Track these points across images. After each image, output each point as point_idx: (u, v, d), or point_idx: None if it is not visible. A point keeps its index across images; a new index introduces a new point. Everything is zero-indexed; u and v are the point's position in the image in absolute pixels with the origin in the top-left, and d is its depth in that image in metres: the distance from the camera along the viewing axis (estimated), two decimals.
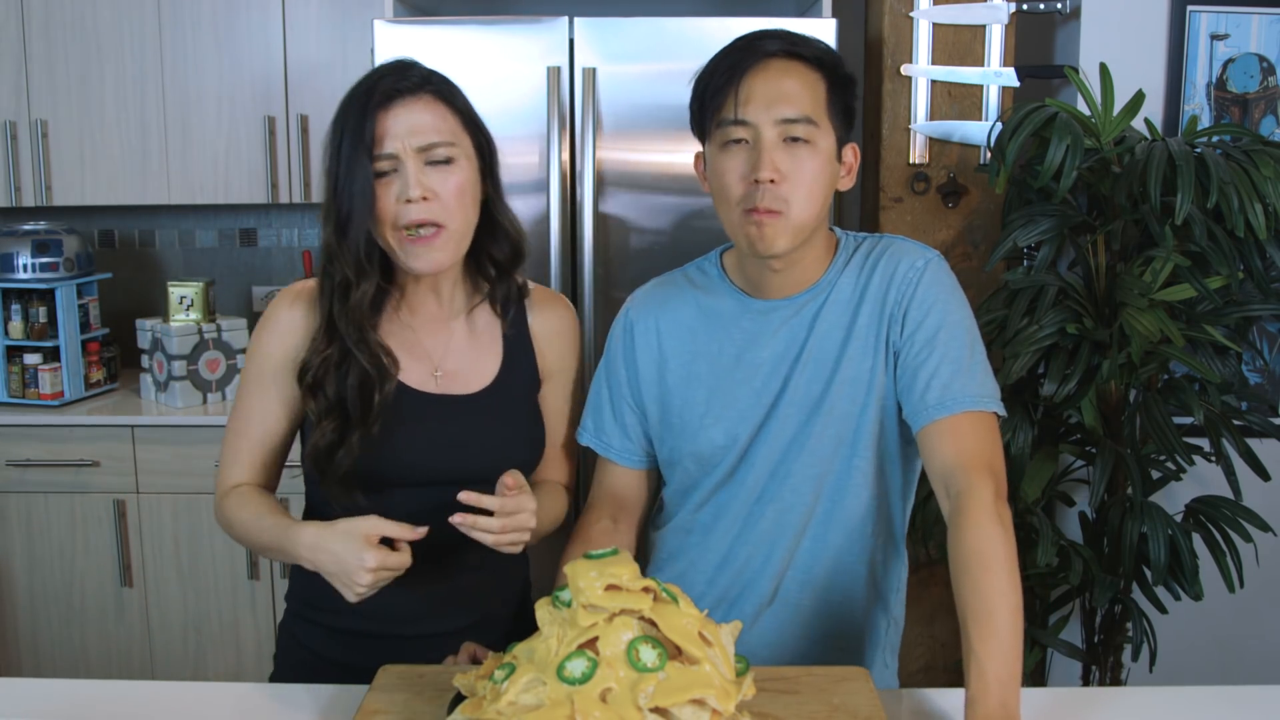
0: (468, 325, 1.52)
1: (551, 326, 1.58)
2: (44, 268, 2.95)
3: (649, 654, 1.06)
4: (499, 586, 1.57)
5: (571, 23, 2.51)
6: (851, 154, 1.46)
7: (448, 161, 1.39)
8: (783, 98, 1.37)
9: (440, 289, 1.50)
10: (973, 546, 1.28)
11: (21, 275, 2.93)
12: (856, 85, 1.45)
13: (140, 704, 1.36)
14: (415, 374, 1.47)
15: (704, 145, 1.47)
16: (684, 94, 1.48)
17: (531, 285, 1.58)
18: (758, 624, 1.52)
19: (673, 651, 1.08)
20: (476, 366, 1.51)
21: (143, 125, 3.01)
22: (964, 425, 1.37)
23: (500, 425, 1.50)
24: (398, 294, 1.49)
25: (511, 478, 1.36)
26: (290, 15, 2.97)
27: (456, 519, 1.31)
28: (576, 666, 1.05)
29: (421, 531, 1.32)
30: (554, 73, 2.49)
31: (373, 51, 2.50)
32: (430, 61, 1.47)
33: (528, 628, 1.61)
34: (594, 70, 2.50)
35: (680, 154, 2.53)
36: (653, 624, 1.09)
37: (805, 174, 1.38)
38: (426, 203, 1.37)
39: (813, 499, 1.48)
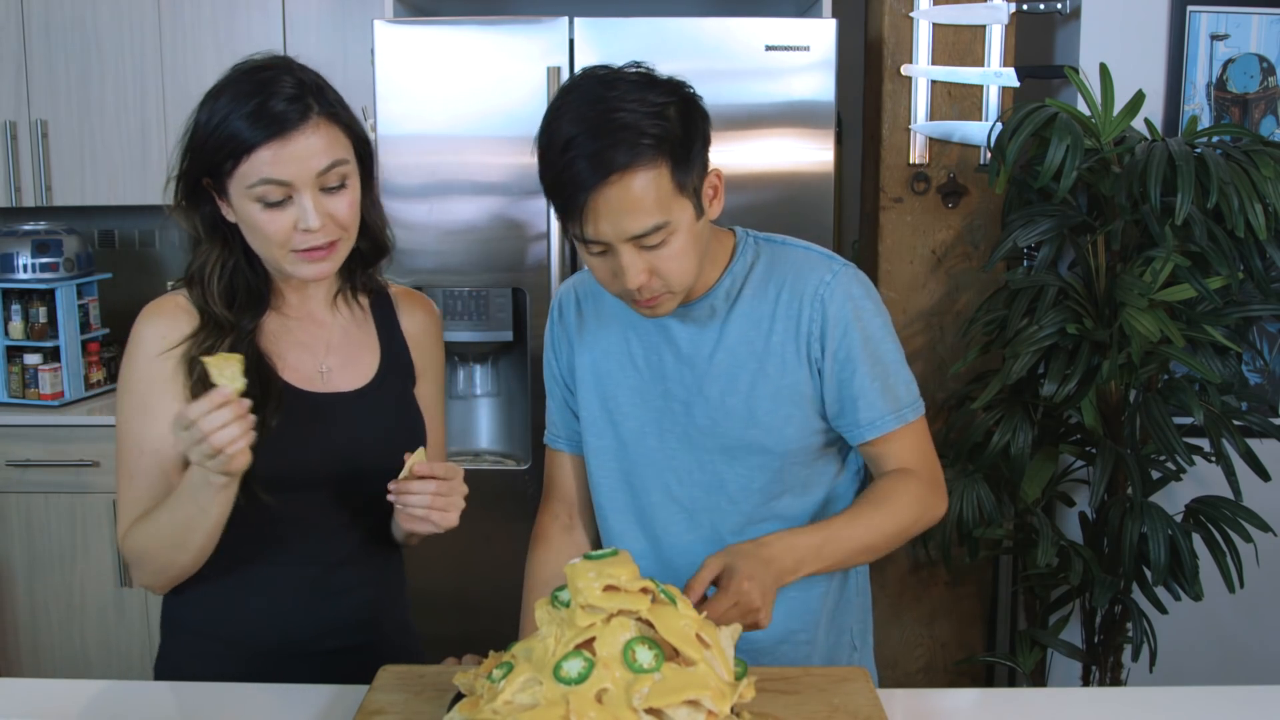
0: (342, 324, 1.51)
1: (420, 323, 1.57)
2: (44, 268, 2.95)
3: (645, 655, 1.06)
4: (382, 601, 1.54)
5: (571, 23, 2.51)
6: (715, 178, 1.40)
7: (341, 184, 1.37)
8: (628, 214, 1.30)
9: (316, 290, 1.48)
10: (887, 485, 1.45)
11: (21, 275, 2.93)
12: (700, 126, 1.36)
13: (140, 704, 1.36)
14: (300, 373, 1.45)
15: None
16: None
17: (392, 286, 1.57)
18: None
19: (670, 653, 1.08)
20: (356, 363, 1.50)
21: (143, 125, 3.01)
22: (897, 440, 1.46)
23: (385, 420, 1.48)
24: (277, 296, 1.46)
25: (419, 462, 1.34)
26: (290, 15, 2.97)
27: (391, 485, 1.33)
28: (573, 666, 1.05)
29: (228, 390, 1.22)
30: (554, 73, 2.49)
31: (373, 51, 2.50)
32: (430, 62, 1.47)
33: (410, 644, 1.58)
34: None
35: None
36: (650, 625, 1.09)
37: (671, 259, 1.34)
38: (325, 228, 1.35)
39: (750, 508, 1.49)
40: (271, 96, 1.33)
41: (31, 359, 2.96)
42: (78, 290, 3.00)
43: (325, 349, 1.48)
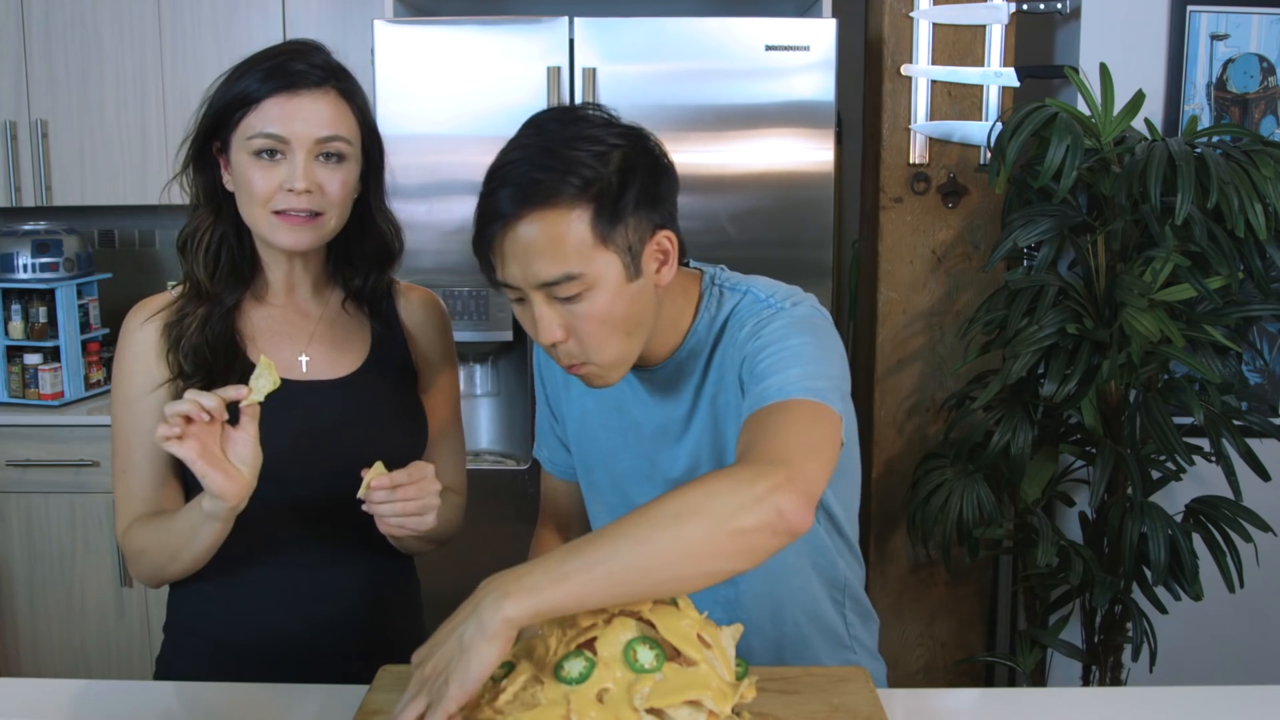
0: (329, 316, 1.49)
1: (420, 315, 1.55)
2: (44, 268, 2.95)
3: (646, 655, 1.06)
4: (384, 607, 1.52)
5: (571, 23, 2.51)
6: (667, 241, 1.26)
7: (339, 158, 1.37)
8: (535, 259, 1.18)
9: (302, 278, 1.46)
10: (680, 492, 1.07)
11: (21, 275, 2.94)
12: (642, 180, 1.22)
13: (140, 704, 1.36)
14: (275, 360, 1.41)
15: None
16: (684, 94, 1.44)
17: (400, 282, 1.56)
18: None
19: (671, 653, 1.08)
20: (341, 355, 1.48)
21: (143, 125, 3.01)
22: (762, 417, 1.18)
23: (370, 409, 1.46)
24: (262, 282, 1.46)
25: (378, 474, 1.28)
26: (290, 16, 2.98)
27: (361, 497, 1.27)
28: (574, 666, 1.05)
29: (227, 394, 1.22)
30: (554, 73, 2.50)
31: (373, 51, 2.50)
32: (430, 61, 1.47)
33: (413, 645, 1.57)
34: (594, 70, 2.50)
35: (680, 154, 2.50)
36: (651, 625, 1.09)
37: (590, 324, 1.21)
38: (310, 195, 1.35)
39: None
40: (293, 60, 1.36)
41: (31, 359, 2.96)
42: (78, 290, 3.00)
43: (308, 340, 1.47)
